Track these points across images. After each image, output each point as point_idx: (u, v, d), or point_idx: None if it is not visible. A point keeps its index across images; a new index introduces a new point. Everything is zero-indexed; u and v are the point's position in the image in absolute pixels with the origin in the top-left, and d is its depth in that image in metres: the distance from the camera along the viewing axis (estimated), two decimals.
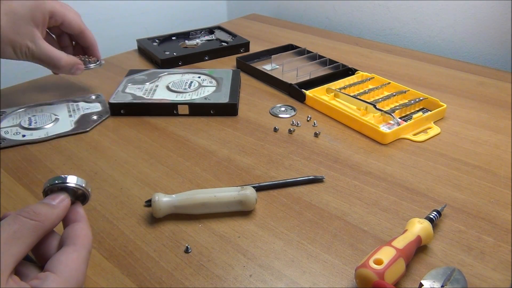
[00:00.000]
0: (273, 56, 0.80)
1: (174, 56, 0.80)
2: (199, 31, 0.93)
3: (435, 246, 0.41)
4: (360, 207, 0.46)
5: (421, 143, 0.57)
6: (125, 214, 0.45)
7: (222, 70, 0.74)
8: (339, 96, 0.66)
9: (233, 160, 0.54)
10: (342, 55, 0.84)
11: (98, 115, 0.64)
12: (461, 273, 0.36)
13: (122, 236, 0.43)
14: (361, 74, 0.72)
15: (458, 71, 0.77)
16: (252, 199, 0.44)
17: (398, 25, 0.94)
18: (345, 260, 0.40)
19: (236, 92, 0.66)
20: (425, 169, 0.51)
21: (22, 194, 0.48)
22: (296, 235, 0.42)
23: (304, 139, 0.58)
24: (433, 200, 0.47)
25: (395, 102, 0.66)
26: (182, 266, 0.39)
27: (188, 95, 0.65)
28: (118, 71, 0.79)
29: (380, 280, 0.34)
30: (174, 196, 0.44)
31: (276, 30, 1.00)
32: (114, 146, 0.57)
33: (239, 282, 0.38)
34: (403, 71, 0.77)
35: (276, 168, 0.52)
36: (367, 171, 0.51)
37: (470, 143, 0.56)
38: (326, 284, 0.37)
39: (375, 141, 0.57)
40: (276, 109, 0.65)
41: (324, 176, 0.50)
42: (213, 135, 0.59)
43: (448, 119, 0.62)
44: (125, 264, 0.40)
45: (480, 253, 0.40)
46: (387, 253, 0.36)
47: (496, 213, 0.45)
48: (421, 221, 0.40)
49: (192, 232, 0.43)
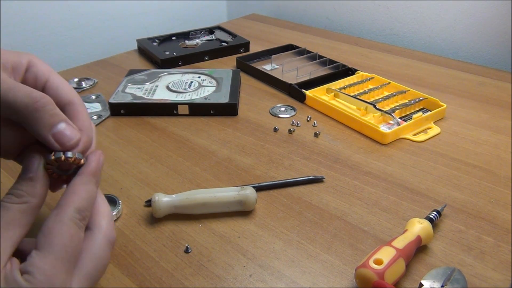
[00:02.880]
0: (273, 56, 0.80)
1: (174, 56, 0.80)
2: (199, 31, 0.93)
3: (435, 246, 0.41)
4: (360, 207, 0.46)
5: (421, 143, 0.57)
6: (125, 214, 0.45)
7: (222, 70, 0.74)
8: (339, 96, 0.66)
9: (233, 160, 0.54)
10: (342, 55, 0.84)
11: (98, 115, 0.64)
12: (461, 273, 0.36)
13: (122, 236, 0.43)
14: (361, 74, 0.72)
15: (458, 71, 0.77)
16: (252, 199, 0.44)
17: (398, 25, 0.94)
18: (345, 260, 0.40)
19: (236, 92, 0.66)
20: (425, 169, 0.51)
21: None
22: (296, 235, 0.42)
23: (304, 139, 0.58)
24: (433, 200, 0.47)
25: (395, 102, 0.66)
26: (182, 266, 0.39)
27: (188, 95, 0.65)
28: (118, 71, 0.79)
29: (380, 280, 0.34)
30: (174, 196, 0.44)
31: (276, 30, 1.00)
32: (114, 146, 0.57)
33: (239, 282, 0.38)
34: (403, 71, 0.77)
35: (276, 168, 0.52)
36: (367, 171, 0.51)
37: (470, 143, 0.56)
38: (326, 284, 0.37)
39: (375, 141, 0.57)
40: (276, 109, 0.65)
41: (324, 176, 0.50)
42: (213, 135, 0.59)
43: (448, 119, 0.62)
44: (125, 264, 0.40)
45: (480, 253, 0.40)
46: (387, 253, 0.36)
47: (496, 213, 0.45)
48: (421, 221, 0.40)
49: (192, 232, 0.43)
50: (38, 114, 0.31)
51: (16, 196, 0.30)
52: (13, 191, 0.31)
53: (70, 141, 0.33)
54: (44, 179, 0.32)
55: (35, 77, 0.36)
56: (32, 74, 0.36)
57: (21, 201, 0.30)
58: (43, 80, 0.36)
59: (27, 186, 0.31)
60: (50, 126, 0.32)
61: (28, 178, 0.31)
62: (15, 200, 0.30)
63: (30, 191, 0.31)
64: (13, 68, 0.35)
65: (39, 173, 0.31)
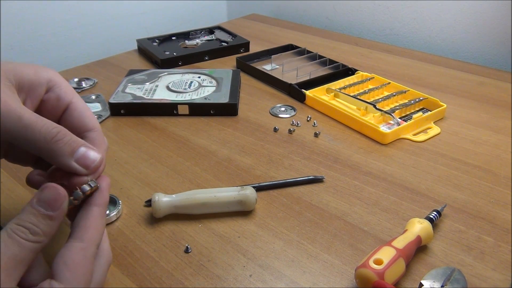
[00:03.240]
0: (273, 56, 0.80)
1: (174, 56, 0.80)
2: (199, 31, 0.93)
3: (435, 246, 0.41)
4: (360, 207, 0.46)
5: (421, 143, 0.57)
6: (125, 214, 0.45)
7: (222, 70, 0.74)
8: (339, 96, 0.66)
9: (233, 160, 0.54)
10: (342, 55, 0.84)
11: (98, 115, 0.64)
12: (461, 273, 0.36)
13: (122, 236, 0.43)
14: (361, 74, 0.72)
15: (458, 71, 0.77)
16: (252, 199, 0.44)
17: (398, 25, 0.94)
18: (345, 260, 0.40)
19: (236, 92, 0.66)
20: (425, 169, 0.51)
21: (22, 194, 0.48)
22: (296, 235, 0.42)
23: (304, 139, 0.58)
24: (433, 200, 0.47)
25: (395, 102, 0.66)
26: (182, 266, 0.39)
27: (188, 95, 0.65)
28: (118, 71, 0.79)
29: (380, 280, 0.34)
30: (174, 196, 0.44)
31: (276, 30, 1.00)
32: (114, 146, 0.57)
33: (239, 282, 0.38)
34: (403, 71, 0.77)
35: (276, 168, 0.52)
36: (367, 171, 0.51)
37: (470, 143, 0.56)
38: (326, 284, 0.37)
39: (375, 141, 0.57)
40: (276, 109, 0.65)
41: (324, 176, 0.50)
42: (213, 135, 0.59)
43: (448, 119, 0.62)
44: (125, 264, 0.40)
45: (480, 253, 0.40)
46: (387, 253, 0.36)
47: (496, 213, 0.45)
48: (421, 221, 0.40)
49: (192, 232, 0.43)
50: (57, 146, 0.32)
51: (31, 233, 0.28)
52: (28, 225, 0.28)
53: (94, 162, 0.33)
54: (62, 219, 0.30)
55: (58, 98, 0.36)
56: (54, 95, 0.36)
57: (36, 239, 0.28)
58: (65, 102, 0.36)
59: (46, 225, 0.29)
60: (71, 153, 0.32)
61: (48, 216, 0.29)
62: (30, 237, 0.28)
63: (47, 231, 0.29)
64: (29, 88, 0.34)
65: (60, 214, 0.30)
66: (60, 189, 0.30)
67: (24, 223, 0.28)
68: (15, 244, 0.27)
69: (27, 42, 0.86)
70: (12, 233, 0.28)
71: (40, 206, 0.29)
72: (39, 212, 0.29)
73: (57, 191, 0.30)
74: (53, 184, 0.30)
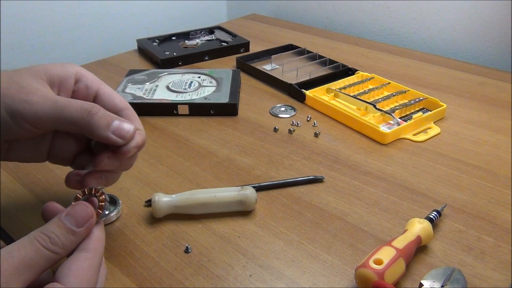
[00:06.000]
0: (273, 56, 0.80)
1: (174, 56, 0.80)
2: (199, 31, 0.93)
3: (435, 246, 0.41)
4: (360, 207, 0.46)
5: (421, 143, 0.57)
6: (125, 214, 0.45)
7: (222, 70, 0.74)
8: (339, 96, 0.66)
9: (233, 160, 0.54)
10: (342, 55, 0.84)
11: None
12: (461, 273, 0.36)
13: (122, 236, 0.43)
14: (361, 74, 0.72)
15: (458, 71, 0.77)
16: (252, 199, 0.44)
17: (398, 25, 0.94)
18: (345, 260, 0.40)
19: (236, 92, 0.66)
20: (425, 169, 0.51)
21: (22, 194, 0.48)
22: (296, 235, 0.42)
23: (304, 139, 0.58)
24: (433, 200, 0.47)
25: (395, 102, 0.66)
26: (182, 266, 0.39)
27: (188, 95, 0.65)
28: (118, 71, 0.79)
29: (380, 280, 0.34)
30: (174, 196, 0.44)
31: (276, 30, 1.00)
32: None
33: (239, 282, 0.38)
34: (403, 71, 0.77)
35: (276, 168, 0.52)
36: (367, 171, 0.51)
37: (470, 143, 0.56)
38: (326, 284, 0.37)
39: (375, 141, 0.57)
40: (276, 109, 0.65)
41: (324, 176, 0.50)
42: (213, 135, 0.59)
43: (448, 119, 0.62)
44: (125, 264, 0.40)
45: (480, 253, 0.40)
46: (387, 253, 0.36)
47: (496, 213, 0.45)
48: (421, 221, 0.40)
49: (192, 232, 0.43)
50: (93, 120, 0.35)
51: (51, 242, 0.29)
52: (51, 235, 0.30)
53: (129, 131, 0.36)
54: (83, 237, 0.32)
55: (86, 87, 0.40)
56: (83, 84, 0.40)
57: (54, 250, 0.29)
58: (94, 89, 0.41)
59: (66, 239, 0.30)
60: (107, 126, 0.35)
61: (72, 231, 0.30)
62: (50, 246, 0.29)
63: (67, 244, 0.30)
64: (60, 82, 0.39)
65: (83, 232, 0.31)
66: (90, 208, 0.32)
67: (47, 232, 0.30)
68: (33, 248, 0.28)
69: (27, 42, 0.86)
70: (34, 238, 0.29)
71: (67, 220, 0.31)
72: (64, 225, 0.30)
73: (86, 210, 0.32)
74: (84, 203, 0.32)
